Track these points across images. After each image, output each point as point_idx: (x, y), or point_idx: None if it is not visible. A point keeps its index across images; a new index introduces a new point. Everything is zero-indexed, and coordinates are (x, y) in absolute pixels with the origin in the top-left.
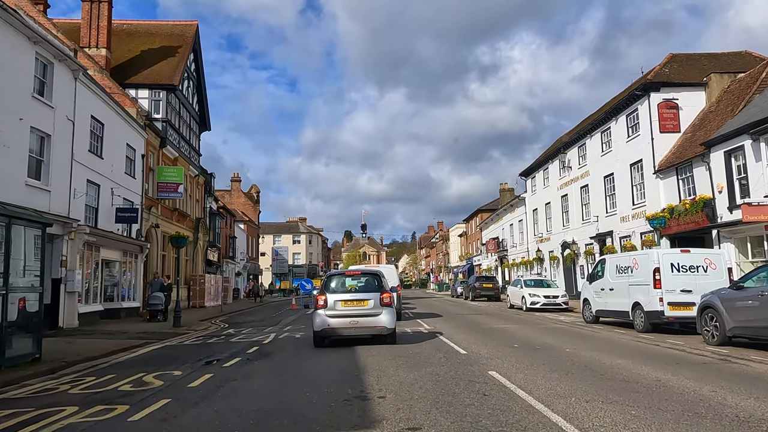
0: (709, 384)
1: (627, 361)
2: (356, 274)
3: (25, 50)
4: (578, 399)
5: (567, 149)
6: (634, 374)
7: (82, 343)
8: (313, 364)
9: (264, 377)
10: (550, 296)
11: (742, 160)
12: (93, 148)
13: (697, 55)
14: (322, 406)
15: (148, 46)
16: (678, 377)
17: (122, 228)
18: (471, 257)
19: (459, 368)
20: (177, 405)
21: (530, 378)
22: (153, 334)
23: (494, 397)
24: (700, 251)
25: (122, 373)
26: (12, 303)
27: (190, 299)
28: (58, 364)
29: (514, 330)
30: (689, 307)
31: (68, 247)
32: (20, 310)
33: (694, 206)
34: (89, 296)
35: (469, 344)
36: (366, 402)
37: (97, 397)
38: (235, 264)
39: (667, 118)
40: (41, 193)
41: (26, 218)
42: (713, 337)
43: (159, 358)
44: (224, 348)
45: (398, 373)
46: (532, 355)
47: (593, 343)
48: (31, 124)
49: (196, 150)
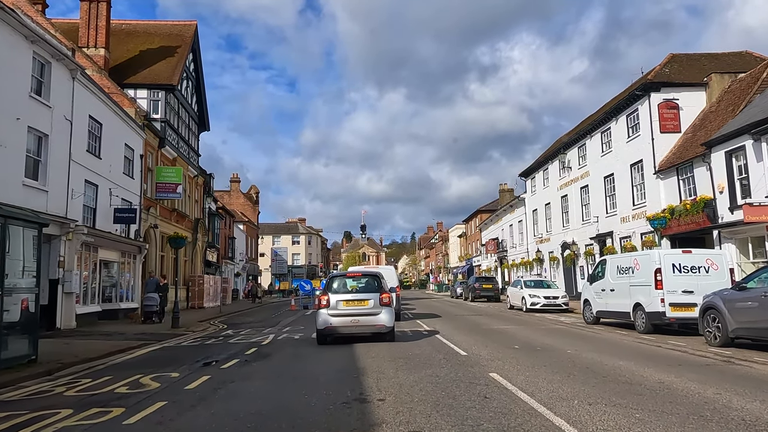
0: (713, 386)
1: (629, 363)
2: (357, 275)
3: (22, 49)
4: (581, 402)
5: (567, 149)
6: (636, 376)
7: (79, 344)
8: (312, 366)
9: (262, 379)
10: (551, 297)
11: (743, 160)
12: (91, 148)
13: (697, 55)
14: (320, 408)
15: (147, 46)
16: (681, 379)
17: (120, 228)
18: (470, 258)
19: (459, 370)
20: (173, 408)
21: (532, 380)
22: (151, 335)
23: (495, 400)
24: (702, 252)
25: (119, 375)
26: (15, 303)
27: (188, 300)
28: (55, 365)
29: (514, 331)
30: (691, 308)
31: (66, 247)
32: (23, 310)
33: (695, 206)
34: (87, 297)
35: (470, 345)
36: (365, 405)
37: (93, 400)
38: (235, 265)
39: (668, 119)
40: (39, 193)
41: (22, 218)
42: (715, 338)
43: (156, 360)
44: (222, 349)
45: (398, 375)
46: (533, 356)
47: (594, 344)
48: (29, 124)
49: (195, 150)
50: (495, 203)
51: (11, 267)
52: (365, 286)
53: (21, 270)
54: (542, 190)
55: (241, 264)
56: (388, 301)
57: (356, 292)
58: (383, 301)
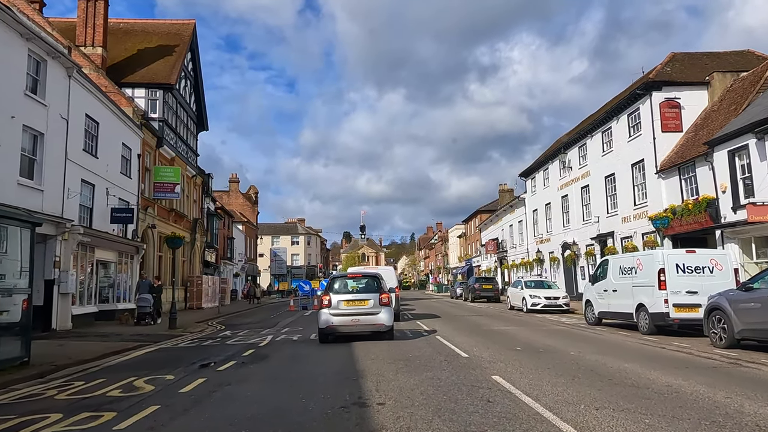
0: (723, 390)
1: (634, 365)
2: (357, 276)
3: (17, 47)
4: (587, 406)
5: (567, 149)
6: (643, 379)
7: (74, 345)
8: (310, 368)
9: (259, 382)
10: (551, 297)
11: (746, 159)
12: (87, 147)
13: (699, 54)
14: (318, 413)
15: (145, 45)
16: (689, 382)
17: (118, 228)
18: (470, 258)
19: (461, 372)
20: (166, 412)
21: (536, 383)
22: (147, 336)
23: (499, 404)
24: (706, 252)
25: (112, 378)
26: (15, 304)
27: (187, 301)
28: (48, 367)
29: (515, 332)
30: (695, 309)
31: (62, 247)
32: (24, 311)
33: (697, 206)
34: (84, 298)
35: (471, 347)
36: (364, 409)
37: (84, 404)
38: (233, 265)
39: (669, 118)
40: (34, 192)
41: (14, 217)
42: (721, 339)
43: (152, 362)
44: (220, 351)
45: (398, 378)
46: (536, 358)
47: (598, 345)
48: (24, 123)
49: (193, 150)
50: (495, 203)
51: (8, 267)
52: (365, 287)
53: (19, 270)
54: (542, 190)
55: (240, 264)
56: (387, 301)
57: (357, 293)
58: (382, 301)
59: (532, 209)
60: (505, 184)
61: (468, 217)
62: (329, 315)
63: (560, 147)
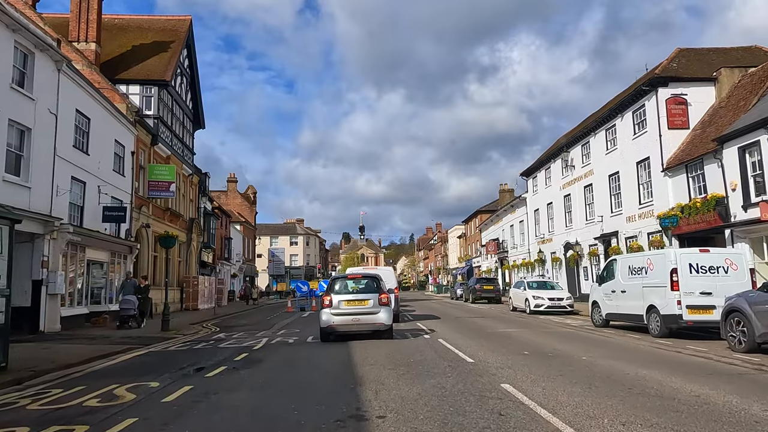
0: (757, 400)
1: (653, 372)
2: (357, 277)
3: (2, 38)
4: (612, 421)
5: (570, 148)
6: (666, 388)
7: (59, 348)
8: (305, 374)
9: (249, 390)
10: (555, 298)
11: (757, 156)
12: (78, 143)
13: (705, 49)
14: (310, 427)
15: (140, 41)
16: (717, 392)
17: (110, 228)
18: (470, 259)
19: (467, 380)
20: (143, 426)
21: (550, 393)
22: (138, 338)
23: (513, 418)
24: (720, 251)
25: (94, 385)
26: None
27: (182, 301)
28: (26, 373)
29: (520, 334)
30: (709, 311)
31: (50, 247)
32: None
33: (706, 205)
34: (74, 299)
35: (475, 351)
36: (362, 423)
37: (57, 415)
38: (231, 266)
39: (676, 114)
40: (21, 189)
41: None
42: (740, 343)
43: (138, 367)
44: (211, 355)
45: (399, 386)
46: (546, 363)
47: (609, 349)
48: (10, 117)
49: (189, 148)
50: (495, 204)
51: None
52: (365, 287)
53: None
54: (544, 189)
55: (238, 265)
56: (386, 301)
57: (357, 293)
58: (382, 301)
59: (533, 209)
60: (506, 184)
61: (468, 218)
62: (330, 315)
63: (562, 146)
